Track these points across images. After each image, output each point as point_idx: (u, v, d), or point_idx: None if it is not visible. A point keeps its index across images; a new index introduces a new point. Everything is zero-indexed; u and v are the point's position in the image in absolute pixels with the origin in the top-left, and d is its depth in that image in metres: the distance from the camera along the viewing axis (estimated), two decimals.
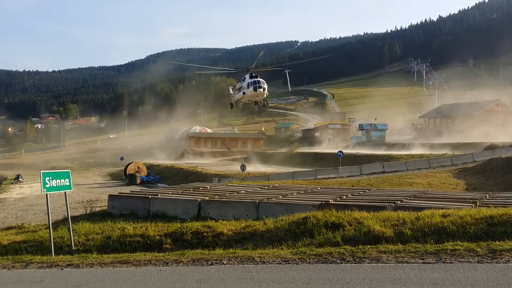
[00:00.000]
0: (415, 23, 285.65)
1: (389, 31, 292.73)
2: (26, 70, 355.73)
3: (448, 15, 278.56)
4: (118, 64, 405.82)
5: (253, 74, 35.32)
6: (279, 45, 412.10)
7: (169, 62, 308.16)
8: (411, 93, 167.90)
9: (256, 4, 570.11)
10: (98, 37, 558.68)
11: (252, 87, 35.18)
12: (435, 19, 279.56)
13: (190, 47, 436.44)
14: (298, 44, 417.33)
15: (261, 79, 35.33)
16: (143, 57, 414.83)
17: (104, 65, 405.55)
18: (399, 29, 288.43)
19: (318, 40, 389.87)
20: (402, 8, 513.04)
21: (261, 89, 35.43)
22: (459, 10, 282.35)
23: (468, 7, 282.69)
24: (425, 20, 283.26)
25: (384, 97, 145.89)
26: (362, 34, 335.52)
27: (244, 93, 36.30)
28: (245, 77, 36.36)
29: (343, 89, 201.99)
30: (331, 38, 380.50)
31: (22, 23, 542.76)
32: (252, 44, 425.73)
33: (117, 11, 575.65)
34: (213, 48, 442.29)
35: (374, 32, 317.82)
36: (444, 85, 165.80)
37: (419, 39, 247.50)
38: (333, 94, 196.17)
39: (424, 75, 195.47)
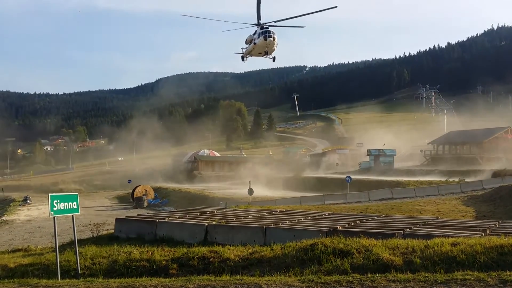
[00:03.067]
0: (424, 50, 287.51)
1: (397, 57, 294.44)
2: (37, 92, 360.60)
3: (456, 42, 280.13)
4: (128, 88, 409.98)
5: (264, 27, 36.18)
6: (288, 70, 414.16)
7: (178, 83, 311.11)
8: (420, 119, 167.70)
9: None
10: (108, 61, 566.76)
11: (263, 36, 35.55)
12: (443, 46, 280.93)
13: (199, 71, 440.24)
14: (307, 69, 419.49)
15: (271, 30, 36.06)
16: (152, 80, 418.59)
17: (114, 88, 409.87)
18: (407, 55, 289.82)
19: (326, 65, 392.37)
20: (411, 35, 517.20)
21: (271, 38, 35.46)
22: (468, 37, 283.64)
23: (477, 34, 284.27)
24: (434, 46, 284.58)
25: (392, 123, 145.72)
26: (370, 60, 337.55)
27: (254, 43, 36.72)
28: (256, 30, 37.04)
29: (351, 114, 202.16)
30: (339, 63, 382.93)
31: (34, 46, 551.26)
32: (260, 69, 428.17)
33: (128, 36, 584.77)
34: (222, 72, 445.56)
35: (382, 58, 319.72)
36: (453, 112, 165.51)
37: (428, 65, 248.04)
38: (341, 119, 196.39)
39: (433, 101, 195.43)
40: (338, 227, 15.22)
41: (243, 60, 40.25)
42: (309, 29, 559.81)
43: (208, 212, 22.01)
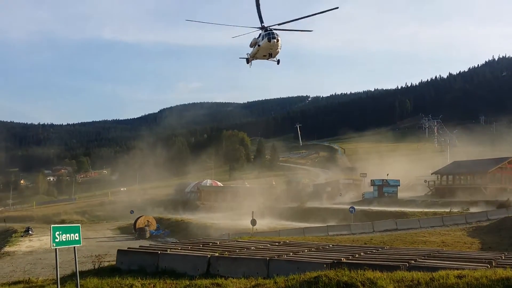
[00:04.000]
0: (426, 80, 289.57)
1: (399, 87, 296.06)
2: (41, 123, 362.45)
3: (458, 72, 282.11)
4: (131, 118, 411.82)
5: (268, 29, 36.70)
6: (290, 100, 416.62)
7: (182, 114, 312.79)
8: (423, 149, 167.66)
9: (267, 62, 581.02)
10: (112, 91, 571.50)
11: (267, 38, 35.97)
12: (445, 76, 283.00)
13: (203, 101, 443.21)
14: (309, 99, 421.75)
15: (275, 32, 36.43)
16: (156, 110, 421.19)
17: (117, 119, 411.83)
18: (409, 85, 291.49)
19: (329, 95, 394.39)
20: (412, 65, 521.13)
21: (275, 40, 35.76)
22: (469, 68, 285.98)
23: (478, 65, 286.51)
24: (435, 77, 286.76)
25: (395, 153, 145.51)
26: (372, 90, 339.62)
27: (259, 45, 37.12)
28: (260, 33, 37.32)
29: (354, 144, 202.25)
30: (342, 93, 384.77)
31: (39, 77, 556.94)
32: (263, 99, 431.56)
33: (132, 67, 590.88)
34: (225, 102, 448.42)
35: (384, 88, 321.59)
36: (456, 142, 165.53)
37: (430, 96, 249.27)
38: (344, 149, 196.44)
39: (436, 131, 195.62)
40: (342, 259, 15.06)
41: (248, 63, 40.88)
42: (311, 60, 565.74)
43: (211, 243, 21.83)
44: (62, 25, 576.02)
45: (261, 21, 35.98)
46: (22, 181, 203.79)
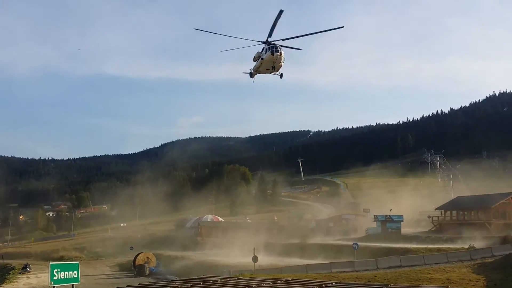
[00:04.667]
0: (427, 115, 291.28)
1: (401, 122, 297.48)
2: (42, 158, 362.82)
3: (459, 107, 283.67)
4: (132, 153, 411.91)
5: (272, 42, 36.76)
6: (292, 134, 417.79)
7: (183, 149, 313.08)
8: (426, 184, 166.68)
9: (268, 96, 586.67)
10: (114, 126, 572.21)
11: (270, 51, 36.38)
12: (446, 111, 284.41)
13: (204, 136, 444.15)
14: (311, 133, 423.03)
15: (278, 45, 36.45)
16: (157, 145, 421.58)
17: (118, 153, 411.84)
18: (411, 120, 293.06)
19: (330, 130, 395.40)
20: (413, 100, 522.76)
21: (278, 53, 36.18)
22: (470, 103, 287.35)
23: (479, 100, 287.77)
24: (437, 112, 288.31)
25: (398, 188, 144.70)
26: (374, 124, 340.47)
27: (262, 58, 37.54)
28: (263, 47, 37.65)
29: (356, 178, 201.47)
30: (343, 128, 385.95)
31: (40, 112, 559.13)
32: (264, 133, 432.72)
33: (134, 102, 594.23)
34: (226, 137, 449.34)
35: (386, 123, 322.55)
36: (459, 177, 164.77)
37: (432, 130, 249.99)
38: (346, 184, 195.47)
39: (438, 166, 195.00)
40: None
41: (251, 77, 40.84)
42: (313, 94, 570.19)
43: (212, 281, 21.21)
44: (65, 61, 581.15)
45: (270, 35, 36.17)
46: (21, 217, 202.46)
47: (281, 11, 34.34)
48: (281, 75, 38.31)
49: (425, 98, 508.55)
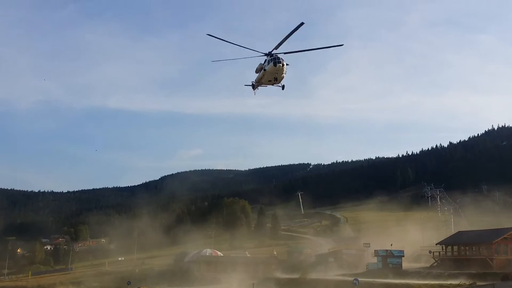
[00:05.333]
0: (426, 149, 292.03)
1: (400, 156, 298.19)
2: (42, 190, 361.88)
3: (458, 141, 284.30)
4: (132, 185, 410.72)
5: (274, 54, 36.92)
6: (292, 167, 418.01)
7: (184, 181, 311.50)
8: (426, 218, 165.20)
9: (269, 129, 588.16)
10: (114, 159, 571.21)
11: (272, 62, 36.56)
12: (446, 145, 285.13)
13: (204, 168, 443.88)
14: (311, 166, 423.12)
15: (281, 57, 36.63)
16: (157, 178, 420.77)
17: (118, 186, 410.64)
18: (410, 154, 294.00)
19: (330, 163, 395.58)
20: (412, 134, 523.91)
21: (280, 64, 36.37)
22: (469, 137, 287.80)
23: (478, 134, 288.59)
24: (436, 145, 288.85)
25: (398, 222, 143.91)
26: (374, 158, 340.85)
27: (264, 69, 37.67)
28: (265, 59, 37.79)
29: (356, 212, 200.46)
30: (343, 161, 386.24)
31: (41, 145, 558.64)
32: (264, 166, 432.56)
33: (135, 134, 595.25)
34: (226, 170, 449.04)
35: (386, 157, 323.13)
36: (460, 211, 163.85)
37: (431, 164, 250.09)
38: (346, 218, 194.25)
39: (439, 200, 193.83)
40: None
41: (253, 89, 41.51)
42: (313, 128, 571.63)
43: None
44: (67, 94, 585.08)
45: (276, 47, 36.37)
46: (19, 250, 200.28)
47: (301, 24, 34.19)
48: (283, 87, 38.82)
49: (424, 132, 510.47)
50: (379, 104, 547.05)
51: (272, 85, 38.92)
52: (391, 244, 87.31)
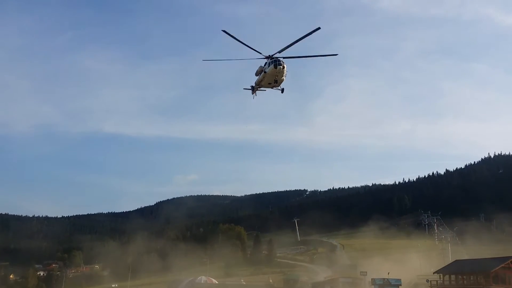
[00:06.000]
0: (423, 176, 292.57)
1: (397, 183, 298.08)
2: (36, 215, 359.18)
3: (455, 169, 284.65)
4: (127, 211, 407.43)
5: (274, 57, 37.41)
6: (288, 194, 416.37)
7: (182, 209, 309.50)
8: (423, 246, 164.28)
9: (265, 155, 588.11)
10: (109, 183, 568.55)
11: (273, 64, 36.91)
12: (442, 172, 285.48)
13: (200, 194, 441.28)
14: (307, 193, 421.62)
15: (281, 59, 36.96)
16: (152, 203, 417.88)
17: (113, 211, 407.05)
18: (407, 181, 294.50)
19: (326, 189, 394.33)
20: (409, 161, 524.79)
21: (281, 66, 36.73)
22: (466, 165, 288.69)
23: (475, 162, 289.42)
24: (433, 173, 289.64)
25: (395, 250, 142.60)
26: (370, 185, 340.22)
27: (265, 72, 37.96)
28: (266, 62, 38.22)
29: (353, 240, 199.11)
30: (340, 188, 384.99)
31: (36, 170, 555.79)
32: (260, 192, 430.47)
33: (130, 159, 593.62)
34: (222, 195, 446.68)
35: (382, 184, 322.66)
36: (457, 239, 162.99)
37: (428, 192, 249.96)
38: (343, 245, 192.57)
39: (436, 228, 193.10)
40: None
41: (253, 92, 41.74)
42: (309, 154, 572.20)
43: None
44: (64, 119, 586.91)
45: (280, 51, 36.81)
46: (11, 276, 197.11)
47: (318, 28, 35.44)
48: (282, 90, 39.27)
49: (420, 159, 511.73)
50: (375, 131, 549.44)
51: (272, 88, 39.41)
52: (388, 273, 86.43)
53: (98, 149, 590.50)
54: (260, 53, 36.78)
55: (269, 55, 37.64)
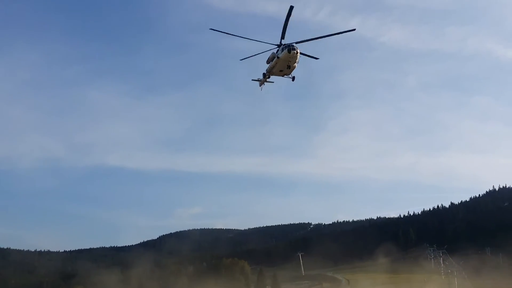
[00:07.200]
0: (428, 209, 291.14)
1: (402, 216, 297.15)
2: (38, 250, 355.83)
3: (460, 202, 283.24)
4: (129, 245, 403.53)
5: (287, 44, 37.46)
6: (292, 227, 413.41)
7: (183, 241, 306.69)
8: (430, 281, 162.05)
9: (269, 187, 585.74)
10: (112, 217, 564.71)
11: (287, 49, 36.86)
12: (447, 205, 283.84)
13: (203, 228, 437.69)
14: (311, 226, 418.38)
15: (294, 44, 37.19)
16: (155, 237, 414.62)
17: (115, 245, 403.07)
18: (412, 214, 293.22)
19: (331, 222, 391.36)
20: (414, 194, 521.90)
21: (295, 51, 36.81)
22: (471, 198, 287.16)
23: (479, 194, 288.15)
24: (438, 206, 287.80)
25: (401, 285, 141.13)
26: (375, 218, 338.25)
27: (278, 57, 37.96)
28: (277, 49, 38.44)
29: (358, 274, 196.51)
30: (344, 221, 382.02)
31: (39, 204, 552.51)
32: (264, 226, 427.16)
33: (133, 192, 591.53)
34: (225, 229, 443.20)
35: (387, 217, 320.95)
36: (463, 273, 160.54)
37: (433, 225, 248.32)
38: (348, 280, 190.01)
39: (442, 262, 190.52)
40: None
41: (261, 83, 42.28)
42: (313, 187, 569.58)
43: None
44: (68, 152, 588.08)
45: (282, 38, 37.46)
46: None
47: (291, 7, 35.22)
48: (293, 78, 39.56)
49: (425, 192, 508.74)
50: (379, 163, 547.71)
51: (283, 76, 40.10)
52: None
53: (101, 183, 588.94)
54: (267, 42, 37.65)
55: (281, 43, 38.66)
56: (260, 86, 42.99)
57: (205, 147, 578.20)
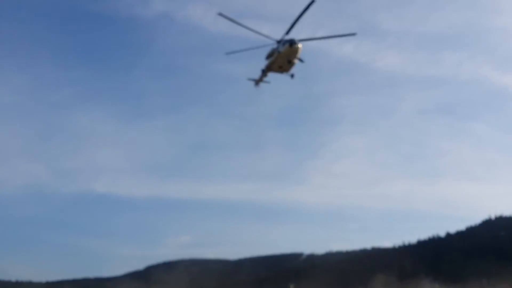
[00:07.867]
0: (423, 239, 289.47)
1: (397, 247, 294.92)
2: (19, 280, 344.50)
3: (456, 231, 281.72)
4: (115, 276, 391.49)
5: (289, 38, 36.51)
6: (283, 258, 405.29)
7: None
8: None
9: (260, 215, 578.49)
10: (96, 246, 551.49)
11: (288, 43, 36.50)
12: (443, 235, 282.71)
13: (192, 258, 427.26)
14: (303, 256, 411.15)
15: (296, 39, 36.91)
16: (141, 267, 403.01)
17: (100, 276, 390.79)
18: (407, 244, 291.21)
19: (324, 252, 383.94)
20: (408, 223, 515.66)
21: (296, 45, 36.71)
22: (466, 227, 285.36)
23: (475, 224, 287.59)
24: (433, 236, 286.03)
25: None
26: (370, 248, 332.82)
27: (279, 51, 37.39)
28: (278, 44, 38.15)
29: None
30: (337, 251, 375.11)
31: (20, 232, 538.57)
32: (255, 256, 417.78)
33: (121, 221, 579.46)
34: (214, 259, 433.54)
35: (381, 247, 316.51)
36: None
37: (429, 255, 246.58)
38: None
39: None
40: None
41: (257, 83, 42.64)
42: (305, 215, 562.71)
43: None
44: (54, 179, 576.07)
45: (287, 33, 37.08)
46: None
47: (312, 1, 34.83)
48: (292, 75, 39.89)
49: (420, 221, 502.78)
50: (373, 191, 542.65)
51: (281, 72, 38.79)
52: None
53: (86, 210, 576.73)
54: (268, 36, 36.59)
55: (281, 39, 37.31)
56: (256, 85, 40.94)
57: (195, 173, 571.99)
